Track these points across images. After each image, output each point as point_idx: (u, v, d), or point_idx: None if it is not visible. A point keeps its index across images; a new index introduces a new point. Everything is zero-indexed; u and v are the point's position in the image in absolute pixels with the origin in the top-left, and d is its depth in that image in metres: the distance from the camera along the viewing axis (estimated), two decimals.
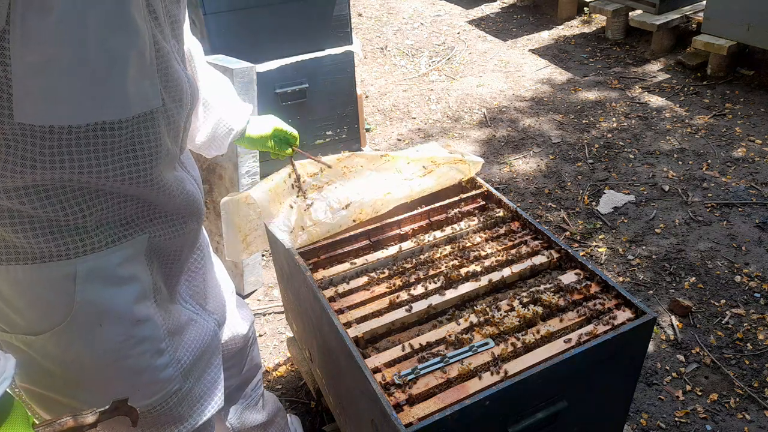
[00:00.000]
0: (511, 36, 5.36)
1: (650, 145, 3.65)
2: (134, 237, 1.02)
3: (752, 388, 2.17)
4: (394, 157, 1.78)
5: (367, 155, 1.77)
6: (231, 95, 1.42)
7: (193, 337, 1.18)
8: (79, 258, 0.95)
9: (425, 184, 1.75)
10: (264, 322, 2.61)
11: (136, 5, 0.84)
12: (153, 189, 1.00)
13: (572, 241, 2.95)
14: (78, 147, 0.86)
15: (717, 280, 2.64)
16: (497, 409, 1.19)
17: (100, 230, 0.97)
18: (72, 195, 0.91)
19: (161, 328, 1.08)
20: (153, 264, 1.07)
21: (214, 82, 1.37)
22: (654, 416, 2.10)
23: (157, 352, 1.07)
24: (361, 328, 1.39)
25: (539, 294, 1.45)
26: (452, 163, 1.80)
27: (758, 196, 3.12)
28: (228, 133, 1.40)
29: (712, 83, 4.23)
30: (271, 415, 1.77)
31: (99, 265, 0.97)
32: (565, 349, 1.29)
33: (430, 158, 1.80)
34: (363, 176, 1.73)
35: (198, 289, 1.27)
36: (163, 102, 0.94)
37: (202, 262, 1.29)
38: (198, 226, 1.19)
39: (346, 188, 1.69)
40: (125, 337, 1.02)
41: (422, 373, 1.25)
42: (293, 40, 2.97)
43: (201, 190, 1.19)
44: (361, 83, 4.58)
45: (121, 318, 1.01)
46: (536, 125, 3.99)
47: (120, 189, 0.96)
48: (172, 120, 0.99)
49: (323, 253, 1.64)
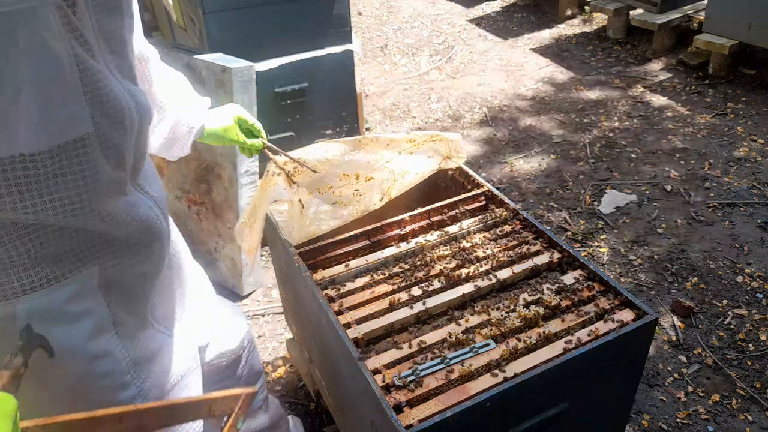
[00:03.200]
0: (511, 35, 5.34)
1: (652, 145, 3.63)
2: (81, 271, 0.95)
3: (754, 389, 2.16)
4: (374, 139, 1.75)
5: (346, 140, 1.72)
6: (186, 92, 1.35)
7: (167, 361, 1.12)
8: (18, 298, 0.89)
9: (407, 167, 1.70)
10: (263, 323, 2.60)
11: (47, 27, 0.76)
12: (96, 219, 0.92)
13: (574, 241, 2.94)
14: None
15: (719, 281, 2.63)
16: (498, 410, 1.18)
17: (39, 267, 0.90)
18: (3, 231, 0.85)
19: (123, 361, 1.02)
20: (111, 295, 1.00)
21: (168, 81, 1.30)
22: (656, 417, 2.09)
23: (120, 385, 1.02)
24: (361, 329, 1.38)
25: (540, 294, 1.44)
26: (430, 141, 1.76)
27: (760, 196, 3.11)
28: (189, 132, 1.33)
29: (714, 82, 4.22)
30: (275, 418, 1.76)
31: (42, 304, 0.91)
32: (566, 350, 1.27)
33: (408, 139, 1.77)
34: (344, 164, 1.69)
35: (170, 308, 1.19)
36: (97, 126, 0.86)
37: (178, 277, 1.22)
38: (162, 247, 1.11)
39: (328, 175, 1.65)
40: (83, 374, 0.97)
41: (422, 374, 1.24)
42: (293, 39, 2.96)
43: (163, 209, 1.11)
44: (361, 82, 4.56)
45: (75, 356, 0.95)
46: (537, 124, 3.97)
47: (57, 222, 0.88)
48: (111, 144, 0.90)
49: (323, 253, 1.63)
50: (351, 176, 1.62)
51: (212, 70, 2.38)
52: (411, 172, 1.69)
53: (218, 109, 1.46)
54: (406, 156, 1.72)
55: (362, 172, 1.65)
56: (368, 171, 1.66)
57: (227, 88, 2.34)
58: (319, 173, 1.63)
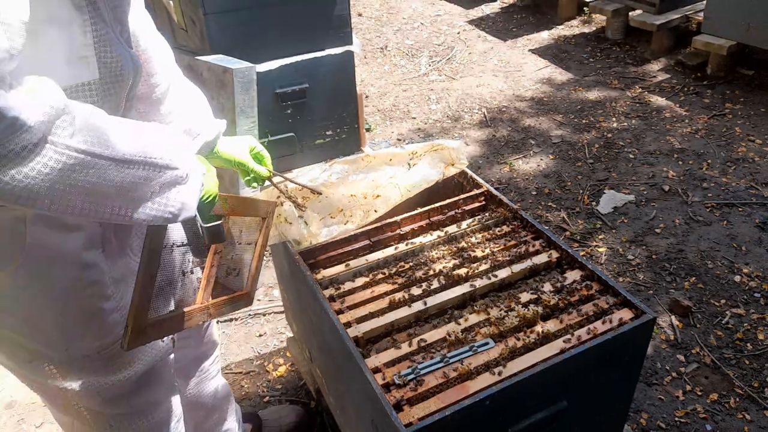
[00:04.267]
0: (511, 36, 5.36)
1: (650, 145, 3.65)
2: None
3: (752, 388, 2.17)
4: (376, 156, 1.77)
5: (347, 159, 1.76)
6: (204, 108, 1.41)
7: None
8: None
9: (412, 180, 1.72)
10: (264, 322, 2.61)
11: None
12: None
13: (572, 241, 2.95)
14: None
15: (717, 280, 2.64)
16: (497, 409, 1.19)
17: None
18: None
19: (106, 275, 1.11)
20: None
21: (187, 92, 1.37)
22: (654, 416, 2.10)
23: (104, 296, 1.11)
24: (361, 328, 1.39)
25: (539, 294, 1.45)
26: (431, 150, 1.78)
27: (758, 196, 3.12)
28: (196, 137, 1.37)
29: (712, 83, 4.23)
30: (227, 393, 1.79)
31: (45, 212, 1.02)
32: (565, 349, 1.29)
33: (410, 152, 1.79)
34: (350, 184, 1.72)
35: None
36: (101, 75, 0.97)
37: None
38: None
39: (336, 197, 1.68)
40: (75, 279, 1.07)
41: (422, 373, 1.25)
42: (293, 40, 2.97)
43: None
44: (361, 83, 4.57)
45: (70, 261, 1.05)
46: (536, 125, 3.99)
47: None
48: (110, 93, 1.01)
49: (323, 253, 1.64)
50: (358, 196, 1.64)
51: (213, 71, 2.39)
52: (416, 185, 1.72)
53: (234, 138, 1.52)
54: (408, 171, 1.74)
55: (369, 191, 1.67)
56: (374, 189, 1.69)
57: (228, 88, 2.35)
58: (326, 196, 1.66)
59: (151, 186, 0.91)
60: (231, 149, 1.46)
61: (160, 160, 0.92)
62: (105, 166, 0.84)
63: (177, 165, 0.95)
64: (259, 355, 2.46)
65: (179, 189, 0.96)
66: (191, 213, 0.99)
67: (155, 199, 0.92)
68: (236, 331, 2.57)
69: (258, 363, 2.42)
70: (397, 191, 1.68)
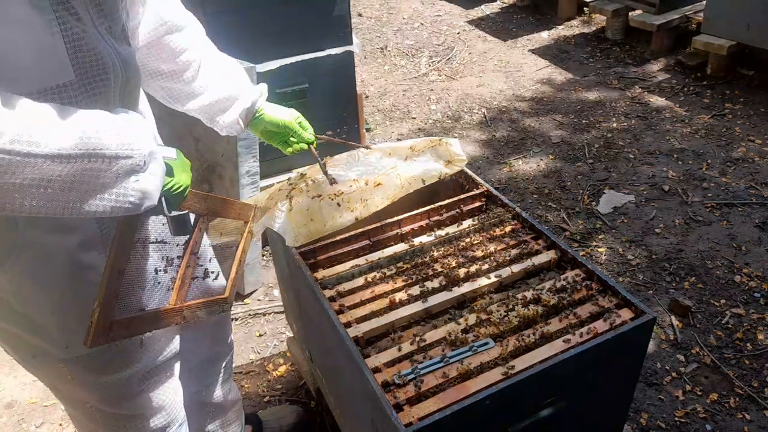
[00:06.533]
0: (511, 36, 5.36)
1: (650, 145, 3.65)
2: None
3: (752, 388, 2.17)
4: (375, 149, 1.77)
5: (350, 153, 1.76)
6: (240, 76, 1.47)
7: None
8: None
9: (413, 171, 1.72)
10: (264, 322, 2.61)
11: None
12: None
13: (572, 241, 2.95)
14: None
15: (717, 280, 2.64)
16: (497, 408, 1.19)
17: None
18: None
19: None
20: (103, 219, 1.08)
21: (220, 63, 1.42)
22: (654, 416, 2.10)
23: None
24: (361, 327, 1.39)
25: (539, 294, 1.45)
26: (430, 146, 1.78)
27: (758, 196, 3.12)
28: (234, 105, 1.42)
29: (712, 83, 4.23)
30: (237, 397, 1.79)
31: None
32: (565, 348, 1.29)
33: (408, 146, 1.79)
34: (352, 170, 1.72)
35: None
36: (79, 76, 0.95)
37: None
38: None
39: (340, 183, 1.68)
40: (72, 280, 1.07)
41: (422, 372, 1.25)
42: (293, 40, 2.97)
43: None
44: (361, 83, 4.58)
45: (65, 262, 1.05)
46: (536, 125, 3.99)
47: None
48: (96, 92, 0.99)
49: (323, 252, 1.64)
50: (360, 181, 1.64)
51: None
52: (417, 177, 1.71)
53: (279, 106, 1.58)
54: (410, 162, 1.73)
55: (370, 178, 1.67)
56: (376, 177, 1.68)
57: None
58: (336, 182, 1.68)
59: (104, 177, 0.88)
60: (279, 113, 1.52)
61: (107, 151, 0.88)
62: (39, 163, 0.81)
63: (130, 153, 0.91)
64: (259, 355, 2.46)
65: (137, 177, 0.93)
66: (153, 201, 0.96)
67: (112, 191, 0.89)
68: (236, 331, 2.57)
69: (258, 363, 2.42)
70: (398, 181, 1.67)
